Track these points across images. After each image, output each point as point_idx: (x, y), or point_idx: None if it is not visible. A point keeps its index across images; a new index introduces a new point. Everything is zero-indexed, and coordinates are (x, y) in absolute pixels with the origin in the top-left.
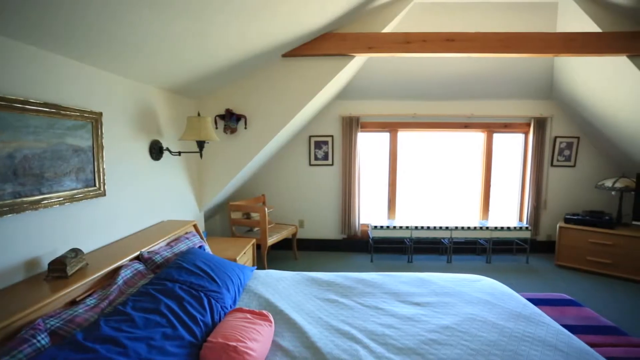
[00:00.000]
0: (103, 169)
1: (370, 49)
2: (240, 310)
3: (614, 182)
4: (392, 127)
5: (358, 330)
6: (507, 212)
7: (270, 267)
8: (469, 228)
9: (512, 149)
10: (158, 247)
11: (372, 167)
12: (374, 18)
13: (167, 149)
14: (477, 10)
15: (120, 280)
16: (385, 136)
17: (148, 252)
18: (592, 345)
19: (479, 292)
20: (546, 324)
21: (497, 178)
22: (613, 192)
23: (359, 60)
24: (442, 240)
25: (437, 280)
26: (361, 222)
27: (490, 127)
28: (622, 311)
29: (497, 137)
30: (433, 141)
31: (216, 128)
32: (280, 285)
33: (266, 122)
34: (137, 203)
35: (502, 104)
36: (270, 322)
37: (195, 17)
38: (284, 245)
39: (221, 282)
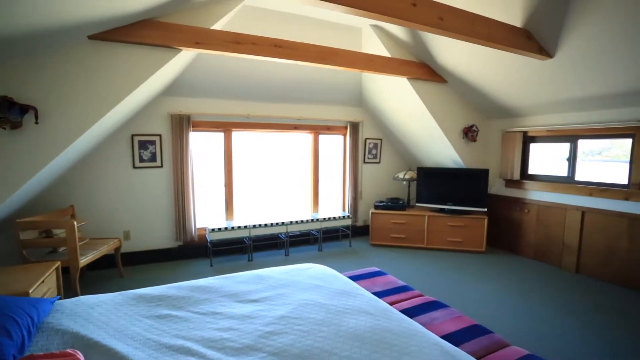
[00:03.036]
0: None
1: (198, 44)
2: (31, 357)
3: (404, 174)
4: (226, 126)
5: (194, 342)
6: (333, 204)
7: (86, 293)
8: (302, 221)
9: (335, 149)
10: None
11: (208, 168)
12: (203, 13)
13: None
14: (300, 23)
15: None
16: (219, 136)
17: None
18: (391, 303)
19: (311, 278)
20: (361, 295)
21: (324, 174)
22: (404, 182)
23: (188, 55)
24: (280, 235)
25: (274, 274)
26: (198, 226)
27: (316, 129)
28: (410, 272)
29: (322, 138)
30: (267, 141)
31: None
32: (95, 313)
33: (69, 118)
34: None
35: (325, 109)
36: None
37: None
38: (106, 262)
39: None
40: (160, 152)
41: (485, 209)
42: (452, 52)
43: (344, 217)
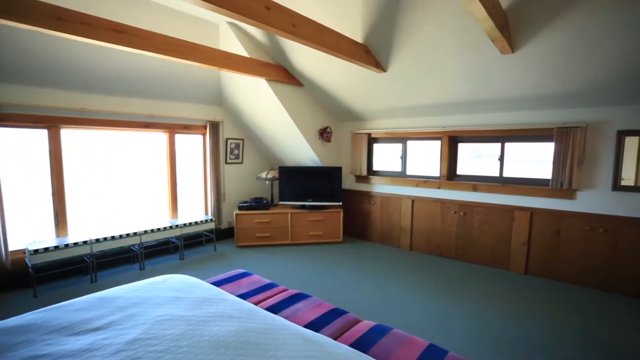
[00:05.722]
0: None
1: None
2: None
3: (267, 174)
4: (51, 122)
5: None
6: (195, 208)
7: None
8: (159, 229)
9: (194, 149)
10: None
11: (26, 174)
12: None
13: None
14: (149, 10)
15: None
16: (42, 133)
17: None
18: (257, 302)
19: (168, 291)
20: (225, 300)
21: (182, 176)
22: (267, 182)
23: None
24: (132, 247)
25: (123, 293)
26: (12, 248)
27: (172, 128)
28: (276, 269)
29: (178, 137)
30: (111, 141)
31: None
32: None
33: None
34: None
35: (181, 106)
36: None
37: None
38: None
39: None
40: None
41: (341, 203)
42: (306, 58)
43: (206, 220)
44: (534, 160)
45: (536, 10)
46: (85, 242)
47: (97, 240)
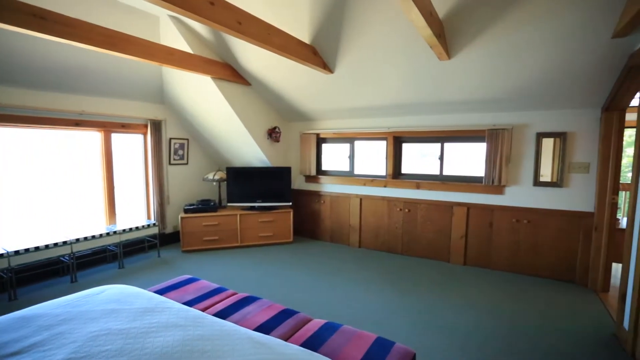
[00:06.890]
0: None
1: None
2: None
3: (214, 175)
4: None
5: None
6: (136, 212)
7: None
8: (94, 237)
9: (134, 149)
10: None
11: None
12: None
13: None
14: None
15: None
16: None
17: None
18: (205, 308)
19: (104, 303)
20: (169, 308)
21: (121, 179)
22: (214, 183)
23: None
24: (62, 258)
25: (48, 310)
26: None
27: (107, 127)
28: (225, 272)
29: (115, 137)
30: (35, 140)
31: None
32: None
33: None
34: None
35: (118, 104)
36: None
37: None
38: None
39: None
40: None
41: (290, 203)
42: (254, 57)
43: (149, 225)
44: (470, 159)
45: (468, 21)
46: (1, 255)
47: (17, 253)
